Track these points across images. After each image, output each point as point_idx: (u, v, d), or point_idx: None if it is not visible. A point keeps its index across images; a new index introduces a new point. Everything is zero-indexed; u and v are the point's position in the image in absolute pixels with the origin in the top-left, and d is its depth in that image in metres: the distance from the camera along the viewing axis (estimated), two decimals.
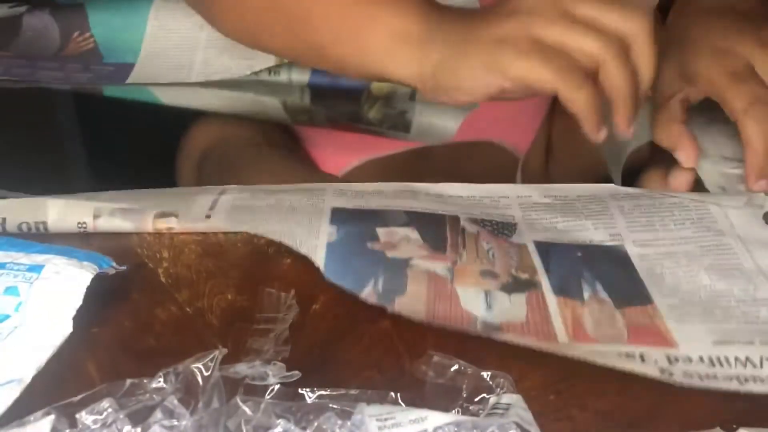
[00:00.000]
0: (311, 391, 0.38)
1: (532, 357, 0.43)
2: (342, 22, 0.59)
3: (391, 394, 0.39)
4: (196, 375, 0.38)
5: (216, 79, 0.74)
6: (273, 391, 0.38)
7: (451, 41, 0.55)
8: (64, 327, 0.42)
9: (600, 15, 0.52)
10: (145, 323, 0.45)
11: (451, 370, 0.41)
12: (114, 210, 0.52)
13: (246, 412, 0.36)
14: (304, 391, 0.38)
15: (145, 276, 0.48)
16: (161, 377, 0.38)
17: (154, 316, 0.45)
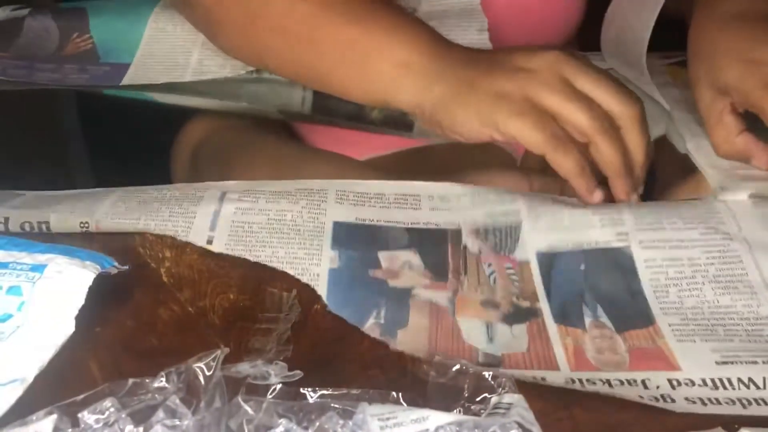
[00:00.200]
0: (313, 391, 0.38)
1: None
2: (349, 49, 0.60)
3: (393, 394, 0.38)
4: (198, 374, 0.38)
5: (210, 79, 0.75)
6: (275, 391, 0.38)
7: (453, 82, 0.57)
8: (67, 326, 0.42)
9: (595, 92, 0.55)
10: (148, 323, 0.45)
11: (453, 370, 0.41)
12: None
13: (248, 412, 0.36)
14: (306, 391, 0.38)
15: (148, 276, 0.48)
16: (163, 377, 0.38)
17: (157, 316, 0.46)
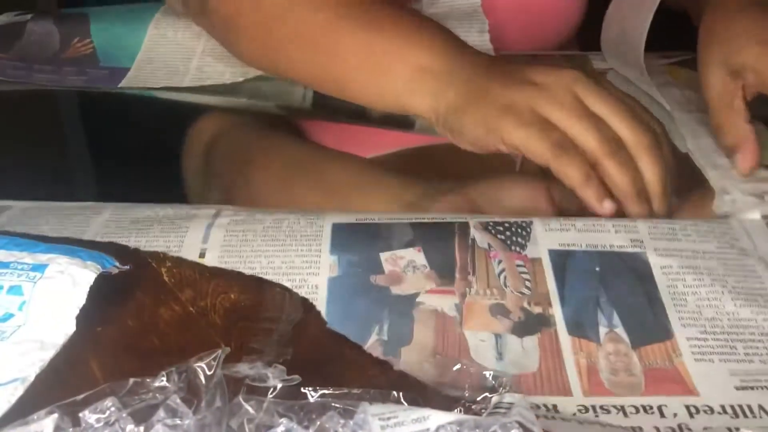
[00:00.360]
0: (314, 390, 0.38)
1: None
2: (366, 55, 0.61)
3: (394, 394, 0.38)
4: (199, 374, 0.38)
5: (209, 84, 0.75)
6: (275, 390, 0.38)
7: (465, 89, 0.57)
8: (68, 326, 0.42)
9: (608, 116, 0.53)
10: (148, 322, 0.45)
11: (454, 369, 0.41)
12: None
13: (249, 411, 0.36)
14: (307, 390, 0.38)
15: (149, 275, 0.48)
16: (164, 376, 0.38)
17: (158, 316, 0.45)
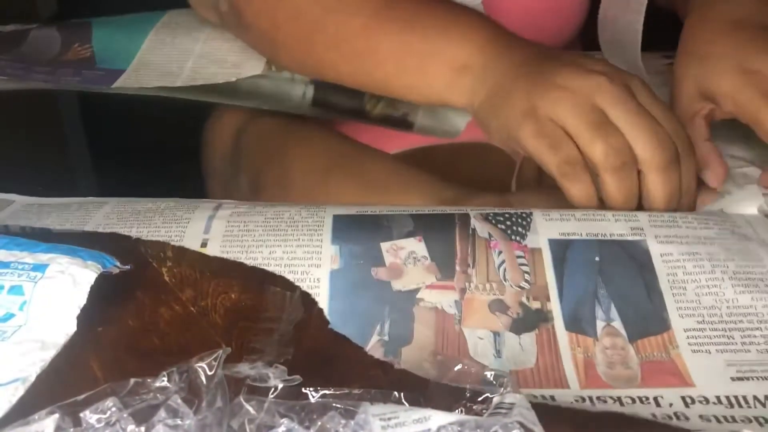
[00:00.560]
0: (315, 391, 0.38)
1: None
2: (405, 55, 0.62)
3: (395, 394, 0.38)
4: (200, 374, 0.38)
5: (202, 84, 0.76)
6: (276, 391, 0.38)
7: (495, 91, 0.58)
8: (68, 326, 0.42)
9: (626, 128, 0.53)
10: (149, 322, 0.45)
11: (455, 370, 0.41)
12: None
13: (249, 412, 0.36)
14: (308, 391, 0.38)
15: (149, 275, 0.48)
16: (165, 376, 0.37)
17: (158, 315, 0.45)
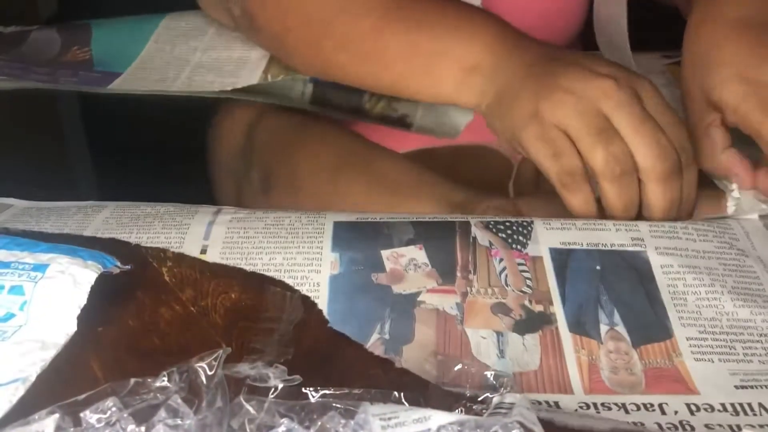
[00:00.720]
0: (315, 391, 0.38)
1: None
2: (414, 56, 0.62)
3: (395, 394, 0.38)
4: (200, 374, 0.38)
5: (197, 90, 0.76)
6: (276, 390, 0.38)
7: (502, 92, 0.58)
8: (69, 326, 0.42)
9: (628, 136, 0.53)
10: (149, 322, 0.45)
11: (455, 370, 0.41)
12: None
13: (250, 411, 0.36)
14: (308, 391, 0.38)
15: (149, 275, 0.48)
16: (165, 376, 0.38)
17: (158, 315, 0.45)
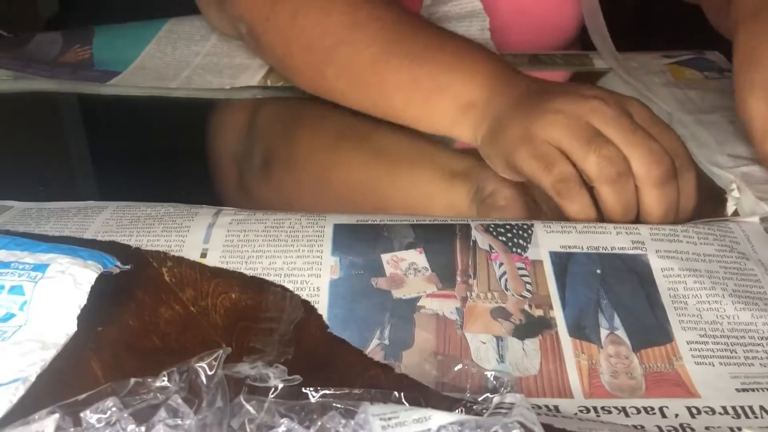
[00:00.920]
0: (315, 391, 0.38)
1: None
2: (413, 89, 0.64)
3: (395, 394, 0.38)
4: (200, 374, 0.38)
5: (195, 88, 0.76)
6: (276, 390, 0.38)
7: (496, 122, 0.59)
8: (69, 326, 0.42)
9: (621, 145, 0.53)
10: (150, 322, 0.45)
11: (455, 370, 0.41)
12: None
13: (250, 411, 0.36)
14: (308, 391, 0.38)
15: (150, 275, 0.48)
16: (165, 376, 0.38)
17: (158, 315, 0.46)
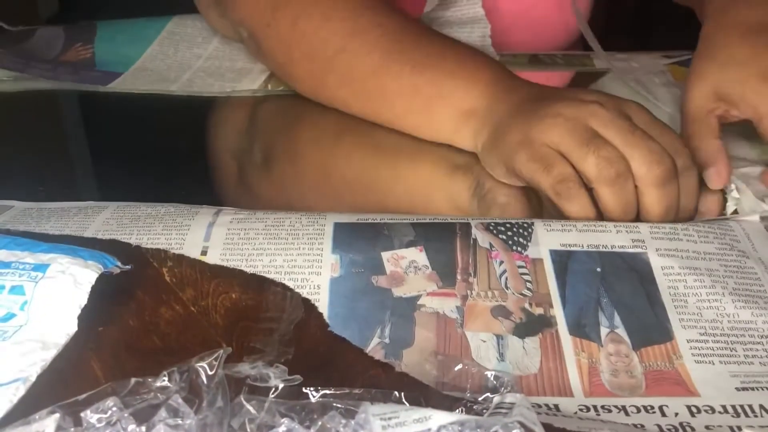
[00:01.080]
0: (315, 390, 0.38)
1: None
2: (414, 98, 0.64)
3: (395, 393, 0.38)
4: (201, 374, 0.38)
5: (196, 91, 0.76)
6: (277, 390, 0.38)
7: (496, 129, 0.59)
8: (69, 326, 0.42)
9: (621, 146, 0.53)
10: (150, 322, 0.45)
11: (455, 369, 0.41)
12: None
13: (250, 411, 0.36)
14: (308, 391, 0.38)
15: (150, 275, 0.48)
16: (166, 376, 0.38)
17: (159, 315, 0.46)
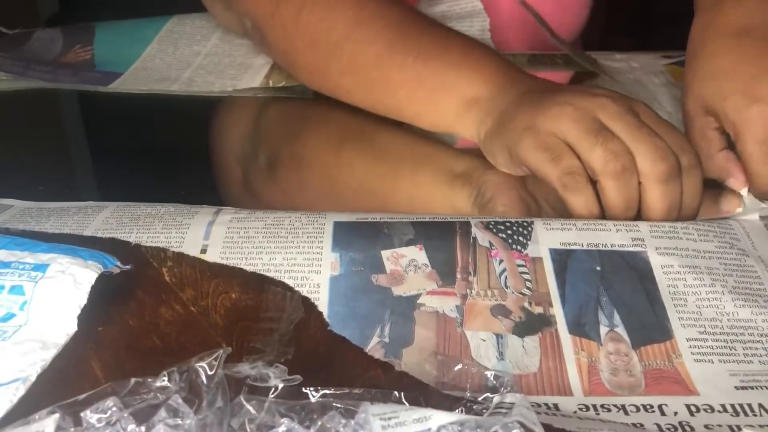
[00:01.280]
0: (315, 390, 0.38)
1: None
2: (417, 86, 0.64)
3: (395, 393, 0.38)
4: (201, 374, 0.38)
5: (196, 90, 0.76)
6: (277, 390, 0.38)
7: (499, 117, 0.59)
8: (69, 326, 0.42)
9: (628, 141, 0.53)
10: (150, 322, 0.45)
11: (455, 369, 0.41)
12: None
13: (250, 411, 0.36)
14: (308, 391, 0.38)
15: (150, 275, 0.48)
16: (165, 376, 0.38)
17: (159, 315, 0.46)
